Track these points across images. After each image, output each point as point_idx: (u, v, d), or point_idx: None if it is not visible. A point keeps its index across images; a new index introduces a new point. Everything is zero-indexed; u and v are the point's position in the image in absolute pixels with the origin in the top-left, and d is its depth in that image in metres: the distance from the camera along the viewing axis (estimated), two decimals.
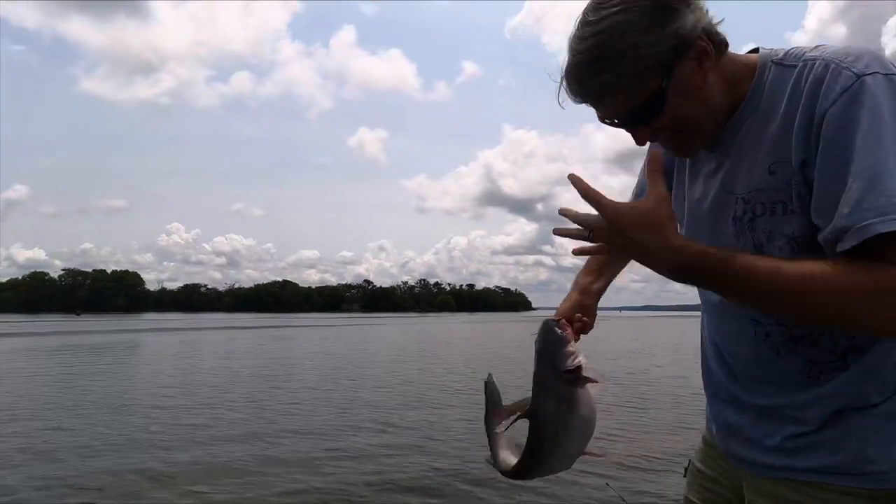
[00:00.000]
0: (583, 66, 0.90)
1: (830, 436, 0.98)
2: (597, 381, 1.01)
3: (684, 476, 1.33)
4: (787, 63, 0.94)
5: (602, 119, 0.95)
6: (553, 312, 1.22)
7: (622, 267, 1.34)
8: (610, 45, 0.87)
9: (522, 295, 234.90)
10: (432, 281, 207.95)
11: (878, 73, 0.84)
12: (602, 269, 1.30)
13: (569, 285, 1.31)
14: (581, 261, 1.29)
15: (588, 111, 0.97)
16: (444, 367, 15.27)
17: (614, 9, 0.87)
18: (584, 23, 0.90)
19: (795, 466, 1.02)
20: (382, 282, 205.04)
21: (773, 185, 0.93)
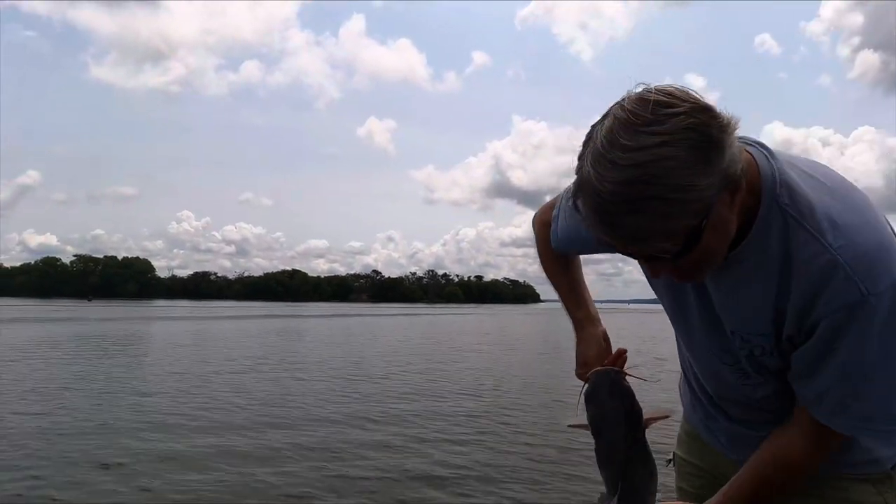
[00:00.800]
0: (613, 201, 0.76)
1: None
2: (667, 416, 0.97)
3: (666, 465, 1.34)
4: (794, 216, 0.87)
5: (616, 250, 0.85)
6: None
7: (581, 271, 1.33)
8: (652, 185, 0.74)
9: (531, 287, 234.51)
10: (440, 272, 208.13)
11: (886, 290, 0.82)
12: (579, 291, 1.26)
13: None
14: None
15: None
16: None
17: (656, 138, 0.74)
18: (616, 145, 0.75)
19: None
20: (391, 272, 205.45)
21: (772, 333, 0.94)
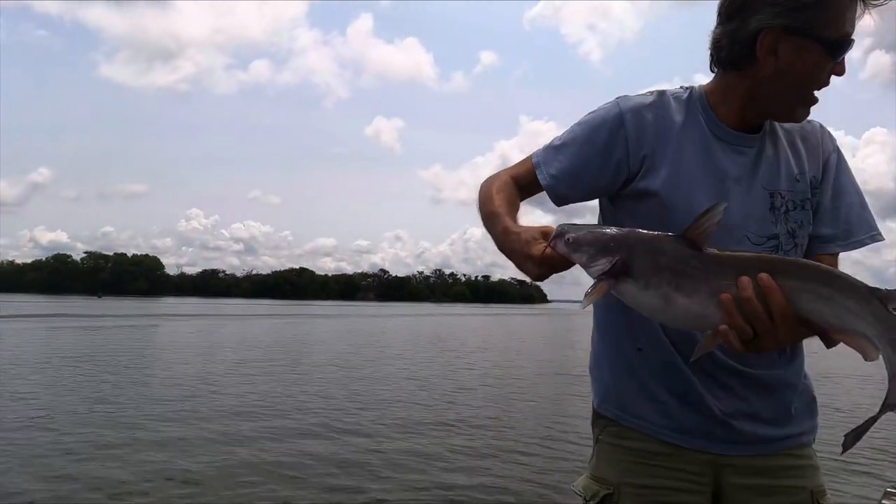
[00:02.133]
0: None
1: (803, 402, 1.25)
2: None
3: (586, 501, 1.24)
4: None
5: (846, 40, 1.08)
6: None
7: None
8: None
9: (538, 287, 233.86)
10: (447, 271, 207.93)
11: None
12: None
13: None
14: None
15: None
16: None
17: None
18: None
19: (791, 434, 1.22)
20: (398, 271, 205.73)
21: (800, 189, 1.21)
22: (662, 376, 1.20)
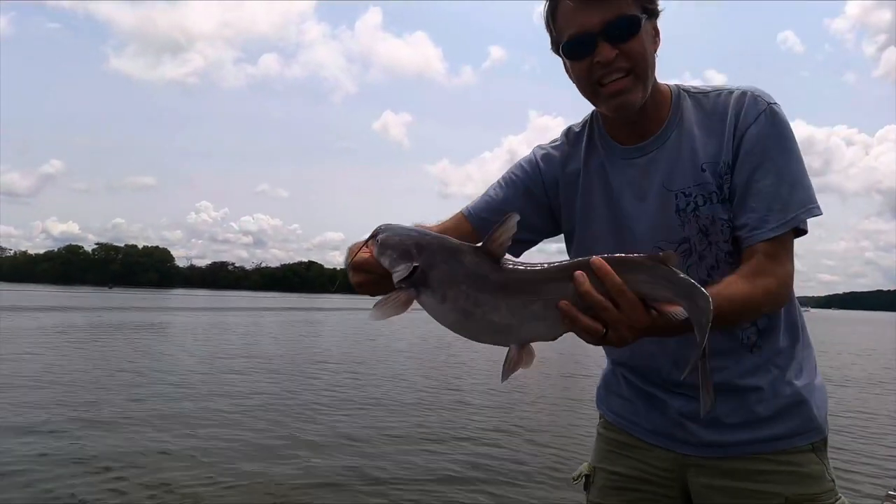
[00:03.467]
0: None
1: (779, 406, 1.16)
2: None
3: (573, 480, 1.36)
4: (698, 93, 1.17)
5: (579, 34, 1.07)
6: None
7: None
8: None
9: None
10: None
11: (777, 104, 1.11)
12: None
13: None
14: None
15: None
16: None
17: None
18: None
19: (761, 438, 1.16)
20: None
21: (706, 180, 1.11)
22: (630, 382, 1.29)
